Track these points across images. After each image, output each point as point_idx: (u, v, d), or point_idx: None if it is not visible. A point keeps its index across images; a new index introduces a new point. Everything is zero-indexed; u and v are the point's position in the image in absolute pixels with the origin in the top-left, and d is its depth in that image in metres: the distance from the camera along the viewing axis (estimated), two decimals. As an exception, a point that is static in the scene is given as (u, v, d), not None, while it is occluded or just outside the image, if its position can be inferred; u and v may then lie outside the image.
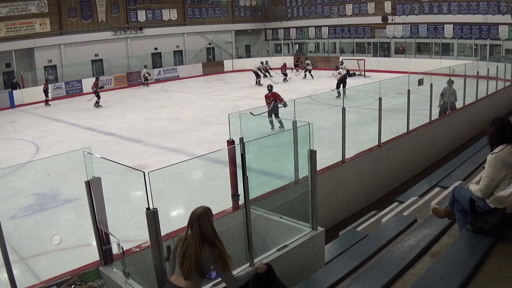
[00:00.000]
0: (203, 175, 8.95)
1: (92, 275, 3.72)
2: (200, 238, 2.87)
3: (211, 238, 2.91)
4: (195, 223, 2.89)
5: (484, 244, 3.21)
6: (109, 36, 26.26)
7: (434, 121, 9.64)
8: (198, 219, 2.89)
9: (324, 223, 4.81)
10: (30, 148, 12.44)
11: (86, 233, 6.21)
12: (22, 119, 17.86)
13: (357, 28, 28.80)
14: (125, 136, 13.11)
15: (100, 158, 3.59)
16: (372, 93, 12.76)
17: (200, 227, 2.88)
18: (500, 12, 22.29)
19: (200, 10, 31.09)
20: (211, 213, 2.99)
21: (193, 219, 2.90)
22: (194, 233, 2.88)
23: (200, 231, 2.88)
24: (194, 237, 2.87)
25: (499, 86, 14.15)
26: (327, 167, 6.85)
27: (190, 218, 2.92)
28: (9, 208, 7.30)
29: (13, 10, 22.43)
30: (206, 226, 2.90)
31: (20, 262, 5.55)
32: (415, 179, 7.98)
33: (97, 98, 18.96)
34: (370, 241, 4.53)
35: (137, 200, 6.78)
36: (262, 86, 21.67)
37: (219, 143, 8.55)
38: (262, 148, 4.75)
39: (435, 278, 2.89)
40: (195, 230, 2.88)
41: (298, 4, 32.18)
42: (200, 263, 2.85)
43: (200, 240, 2.86)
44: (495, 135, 3.43)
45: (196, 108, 17.24)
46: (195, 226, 2.88)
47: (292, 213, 4.53)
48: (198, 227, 2.88)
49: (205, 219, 2.91)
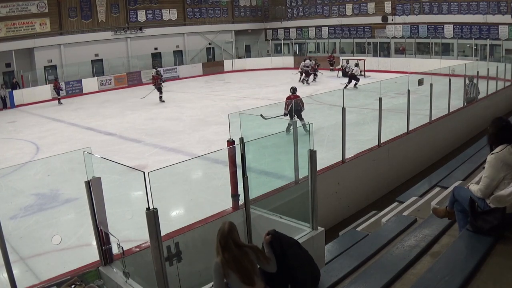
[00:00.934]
0: (203, 175, 8.95)
1: (92, 275, 3.72)
2: (239, 247, 2.98)
3: (244, 244, 3.07)
4: (229, 238, 2.96)
5: (484, 244, 3.21)
6: (109, 36, 26.25)
7: (434, 121, 9.65)
8: (229, 232, 2.98)
9: (324, 223, 4.81)
10: (30, 148, 12.44)
11: (86, 233, 6.21)
12: (22, 119, 17.86)
13: (357, 28, 28.80)
14: (125, 136, 13.11)
15: (100, 158, 3.59)
16: (372, 93, 12.78)
17: (234, 240, 2.97)
18: (500, 12, 22.28)
19: (200, 10, 31.09)
20: (234, 225, 3.09)
21: (225, 236, 2.97)
22: (232, 248, 2.96)
23: (235, 243, 2.97)
24: (236, 250, 2.96)
25: (499, 86, 14.16)
26: (327, 167, 6.85)
27: (221, 237, 2.98)
28: (9, 208, 7.31)
29: (13, 10, 22.42)
30: (237, 236, 3.02)
31: (20, 262, 5.54)
32: (415, 179, 7.99)
33: (160, 93, 18.62)
34: (370, 241, 4.53)
35: (137, 200, 6.78)
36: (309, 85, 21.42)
37: (219, 143, 8.55)
38: (262, 148, 4.75)
39: (435, 278, 2.89)
40: (231, 244, 2.96)
41: (298, 4, 32.18)
42: (256, 266, 3.01)
43: (241, 249, 2.98)
44: (495, 135, 3.43)
45: (196, 108, 17.24)
46: (230, 241, 2.96)
47: (292, 213, 4.54)
48: (233, 240, 2.97)
49: (234, 231, 3.02)
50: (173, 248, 3.99)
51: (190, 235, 4.43)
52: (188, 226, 4.62)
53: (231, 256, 2.93)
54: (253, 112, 5.77)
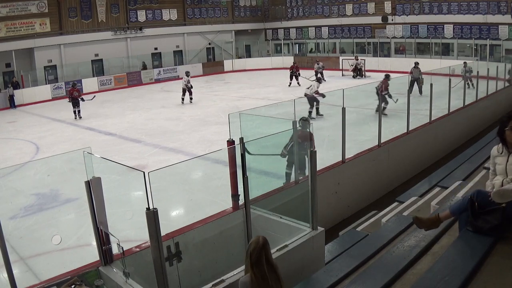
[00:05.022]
0: (203, 175, 8.95)
1: (92, 275, 3.71)
2: (270, 265, 2.80)
3: (273, 262, 2.88)
4: (262, 253, 2.79)
5: (484, 244, 3.21)
6: (109, 36, 26.26)
7: (434, 121, 9.65)
8: (263, 246, 2.82)
9: (324, 223, 4.81)
10: (30, 148, 12.44)
11: (86, 233, 6.21)
12: (22, 119, 17.87)
13: (357, 28, 28.80)
14: (125, 136, 13.10)
15: (100, 158, 3.58)
16: (372, 93, 12.79)
17: (266, 255, 2.81)
18: (500, 12, 22.28)
19: (200, 10, 31.08)
20: (267, 240, 2.92)
21: (259, 249, 2.79)
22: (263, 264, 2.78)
23: (267, 259, 2.81)
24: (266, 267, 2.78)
25: (499, 86, 14.16)
26: (327, 167, 6.85)
27: (253, 250, 2.80)
28: (9, 208, 7.30)
29: (13, 10, 22.42)
30: (270, 252, 2.87)
31: (20, 262, 5.54)
32: (415, 179, 7.99)
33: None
34: (370, 241, 4.53)
35: (137, 200, 6.77)
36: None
37: (219, 143, 8.56)
38: (262, 148, 4.75)
39: (435, 278, 2.89)
40: (263, 260, 2.78)
41: (298, 4, 32.17)
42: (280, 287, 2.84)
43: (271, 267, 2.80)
44: None
45: (196, 108, 17.24)
46: (262, 256, 2.79)
47: (292, 213, 4.53)
48: (265, 255, 2.81)
49: (268, 246, 2.86)
50: (173, 248, 3.98)
51: (190, 235, 4.42)
52: (188, 226, 4.62)
53: (261, 273, 2.76)
54: (253, 112, 5.77)
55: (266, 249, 2.83)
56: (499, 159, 3.49)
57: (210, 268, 4.41)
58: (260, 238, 2.87)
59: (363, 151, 7.74)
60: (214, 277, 3.55)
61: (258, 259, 2.78)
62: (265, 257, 2.79)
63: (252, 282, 2.77)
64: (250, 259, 2.80)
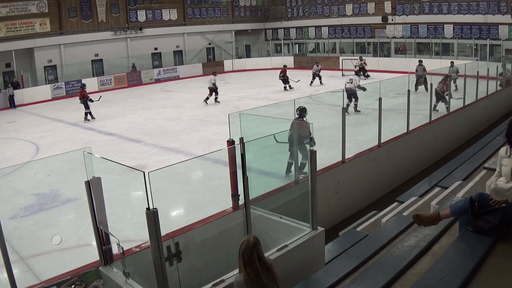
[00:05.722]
0: (203, 175, 8.95)
1: (92, 275, 3.72)
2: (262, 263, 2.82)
3: (266, 260, 2.90)
4: (254, 252, 2.81)
5: (484, 244, 3.21)
6: (109, 36, 26.25)
7: (434, 121, 9.65)
8: (254, 245, 2.83)
9: (324, 223, 4.81)
10: (30, 148, 12.44)
11: (86, 233, 6.21)
12: (22, 119, 17.86)
13: (357, 28, 28.79)
14: (125, 136, 13.10)
15: (100, 158, 3.58)
16: (372, 93, 12.78)
17: (258, 254, 2.83)
18: (500, 12, 22.28)
19: (200, 10, 31.09)
20: (258, 240, 2.94)
21: (250, 249, 2.81)
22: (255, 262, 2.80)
23: (259, 258, 2.83)
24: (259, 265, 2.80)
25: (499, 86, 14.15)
26: (327, 167, 6.85)
27: (245, 249, 2.83)
28: (9, 208, 7.30)
29: (13, 10, 22.42)
30: (261, 250, 2.88)
31: (20, 262, 5.54)
32: (415, 179, 7.99)
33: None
34: (370, 241, 4.53)
35: (137, 200, 6.77)
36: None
37: (219, 143, 8.56)
38: (262, 148, 4.75)
39: (435, 278, 2.89)
40: (255, 258, 2.80)
41: (298, 4, 32.17)
42: (275, 284, 2.85)
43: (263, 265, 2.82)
44: None
45: (196, 108, 17.24)
46: (254, 255, 2.81)
47: (292, 213, 4.53)
48: (257, 254, 2.83)
49: (259, 245, 2.87)
50: (173, 248, 3.98)
51: (190, 235, 4.42)
52: (188, 226, 4.62)
53: (254, 272, 2.78)
54: (253, 112, 5.77)
55: (258, 248, 2.85)
56: (506, 161, 3.50)
57: (210, 268, 4.41)
58: (251, 237, 2.89)
59: (363, 151, 7.74)
60: (214, 277, 3.56)
61: (250, 258, 2.81)
62: (257, 256, 2.81)
63: (246, 281, 2.79)
64: (242, 258, 2.83)
